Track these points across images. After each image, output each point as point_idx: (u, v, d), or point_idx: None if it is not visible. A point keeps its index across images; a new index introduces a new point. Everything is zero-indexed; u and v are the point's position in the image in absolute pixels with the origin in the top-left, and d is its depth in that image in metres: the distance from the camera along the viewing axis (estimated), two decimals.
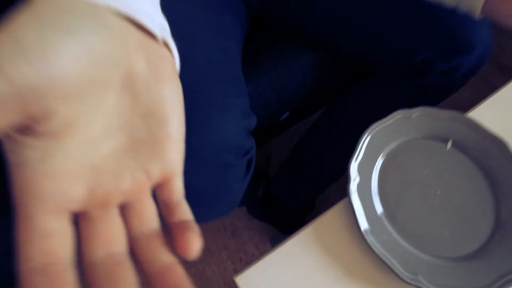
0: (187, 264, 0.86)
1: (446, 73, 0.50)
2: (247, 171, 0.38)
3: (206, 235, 0.89)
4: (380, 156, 0.40)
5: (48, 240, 0.13)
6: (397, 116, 0.40)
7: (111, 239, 0.15)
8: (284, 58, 0.55)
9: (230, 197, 0.38)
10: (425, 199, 0.38)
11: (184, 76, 0.19)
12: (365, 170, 0.39)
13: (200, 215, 0.35)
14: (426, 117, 0.40)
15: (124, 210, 0.16)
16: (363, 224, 0.35)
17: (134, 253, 0.16)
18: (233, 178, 0.36)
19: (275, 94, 0.55)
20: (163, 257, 0.16)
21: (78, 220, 0.15)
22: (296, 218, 0.77)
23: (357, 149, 0.39)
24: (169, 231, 0.17)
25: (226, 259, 0.86)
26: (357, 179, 0.38)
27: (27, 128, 0.12)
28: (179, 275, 0.15)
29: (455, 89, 0.53)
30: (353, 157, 0.39)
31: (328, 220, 0.39)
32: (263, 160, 0.88)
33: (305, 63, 0.56)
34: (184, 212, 0.17)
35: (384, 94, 0.56)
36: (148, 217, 0.17)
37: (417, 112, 0.40)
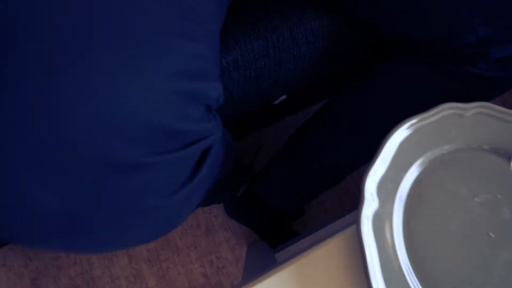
0: (148, 261, 0.74)
1: (504, 62, 0.36)
2: (197, 170, 0.24)
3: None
4: (411, 170, 0.26)
5: None
6: (445, 111, 0.27)
7: None
8: (287, 19, 0.41)
9: (151, 219, 0.22)
10: (471, 244, 0.25)
11: None
12: (387, 190, 0.25)
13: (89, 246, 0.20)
14: (489, 118, 0.27)
15: None
16: (376, 279, 0.22)
17: None
18: (151, 189, 0.20)
19: (270, 66, 0.41)
20: None
21: None
22: (280, 224, 0.64)
23: (377, 157, 0.25)
24: None
25: (195, 260, 0.74)
26: (375, 203, 0.24)
27: None
28: None
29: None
30: (370, 168, 0.25)
31: (322, 258, 0.25)
32: (250, 151, 0.75)
33: (314, 29, 0.41)
34: None
35: (415, 86, 0.42)
36: None
37: (475, 109, 0.27)
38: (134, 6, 0.19)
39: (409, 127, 0.27)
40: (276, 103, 0.51)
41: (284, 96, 0.50)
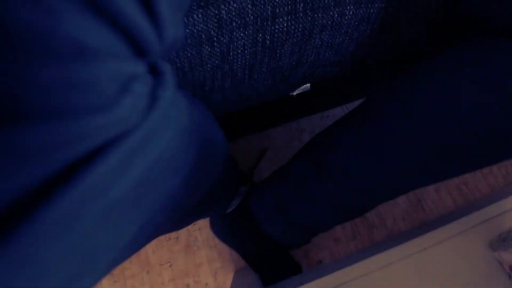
0: (111, 275, 0.60)
1: None
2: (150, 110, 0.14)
3: None
4: None
5: None
6: None
7: None
8: None
9: None
10: None
11: None
12: None
13: None
14: None
15: None
16: None
17: None
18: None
19: (295, 33, 0.27)
20: None
21: None
22: (278, 254, 0.49)
23: None
24: None
25: (167, 281, 0.59)
26: None
27: None
28: None
29: None
30: None
31: None
32: (251, 155, 0.60)
33: None
34: None
35: (498, 80, 0.27)
36: None
37: None
38: None
39: None
40: (295, 94, 0.37)
41: (308, 85, 0.35)
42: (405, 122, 0.30)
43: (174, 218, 0.26)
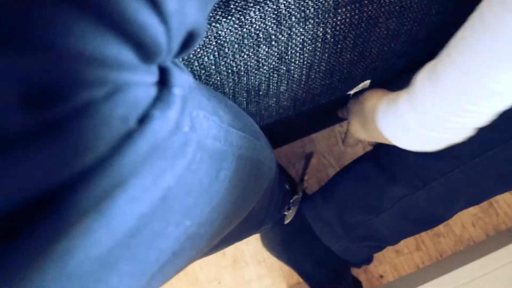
0: None
1: None
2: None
3: None
4: None
5: None
6: None
7: None
8: None
9: None
10: None
11: None
12: None
13: None
14: None
15: None
16: None
17: None
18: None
19: (359, 21, 0.24)
20: None
21: None
22: (336, 267, 0.45)
23: None
24: None
25: None
26: None
27: None
28: None
29: None
30: None
31: None
32: (298, 160, 0.57)
33: None
34: None
35: None
36: None
37: None
38: None
39: None
40: (352, 93, 0.33)
41: (368, 81, 0.32)
42: None
43: (210, 244, 0.21)
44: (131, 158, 0.09)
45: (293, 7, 0.22)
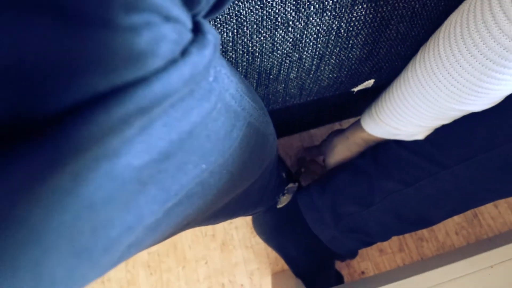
0: (148, 267, 0.60)
1: None
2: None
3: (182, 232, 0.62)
4: None
5: None
6: None
7: None
8: None
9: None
10: None
11: None
12: None
13: None
14: None
15: None
16: None
17: None
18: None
19: (373, 22, 0.25)
20: None
21: None
22: (323, 258, 0.47)
23: None
24: None
25: (203, 278, 0.59)
26: None
27: None
28: None
29: None
30: None
31: None
32: (294, 152, 0.59)
33: None
34: None
35: None
36: None
37: None
38: None
39: None
40: (355, 90, 0.35)
41: (372, 81, 0.33)
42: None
43: (212, 205, 0.22)
44: (174, 81, 0.10)
45: None
